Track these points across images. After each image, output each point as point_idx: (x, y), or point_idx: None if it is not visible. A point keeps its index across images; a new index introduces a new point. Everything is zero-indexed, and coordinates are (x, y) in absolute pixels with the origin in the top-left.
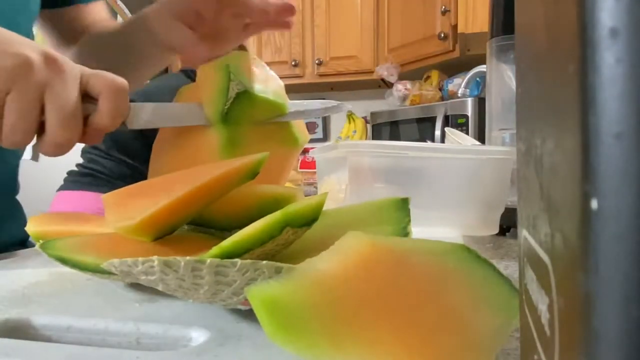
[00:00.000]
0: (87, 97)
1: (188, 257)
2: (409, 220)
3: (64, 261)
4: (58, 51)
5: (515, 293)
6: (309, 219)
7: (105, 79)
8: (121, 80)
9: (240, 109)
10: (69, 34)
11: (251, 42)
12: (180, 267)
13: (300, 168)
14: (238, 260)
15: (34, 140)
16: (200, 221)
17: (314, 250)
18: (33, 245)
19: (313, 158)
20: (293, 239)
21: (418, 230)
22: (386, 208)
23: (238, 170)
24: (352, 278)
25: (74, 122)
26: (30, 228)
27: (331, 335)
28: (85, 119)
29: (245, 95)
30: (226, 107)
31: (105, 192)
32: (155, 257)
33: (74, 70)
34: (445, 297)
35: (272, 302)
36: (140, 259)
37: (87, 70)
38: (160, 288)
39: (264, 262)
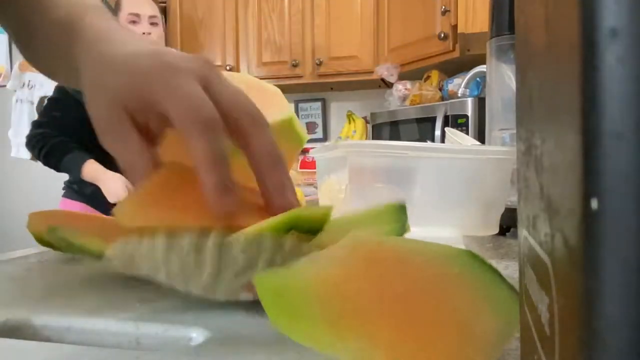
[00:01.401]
0: None
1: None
2: (406, 219)
3: (68, 245)
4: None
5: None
6: (315, 226)
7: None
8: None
9: None
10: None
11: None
12: (184, 240)
13: (300, 168)
14: (242, 235)
15: None
16: None
17: None
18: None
19: (313, 158)
20: None
21: (417, 230)
22: (383, 213)
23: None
24: (355, 275)
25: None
26: (30, 227)
27: (333, 325)
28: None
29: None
30: None
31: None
32: (160, 228)
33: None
34: (447, 299)
35: (277, 289)
36: (144, 237)
37: (215, 86)
38: (162, 276)
39: (268, 234)
